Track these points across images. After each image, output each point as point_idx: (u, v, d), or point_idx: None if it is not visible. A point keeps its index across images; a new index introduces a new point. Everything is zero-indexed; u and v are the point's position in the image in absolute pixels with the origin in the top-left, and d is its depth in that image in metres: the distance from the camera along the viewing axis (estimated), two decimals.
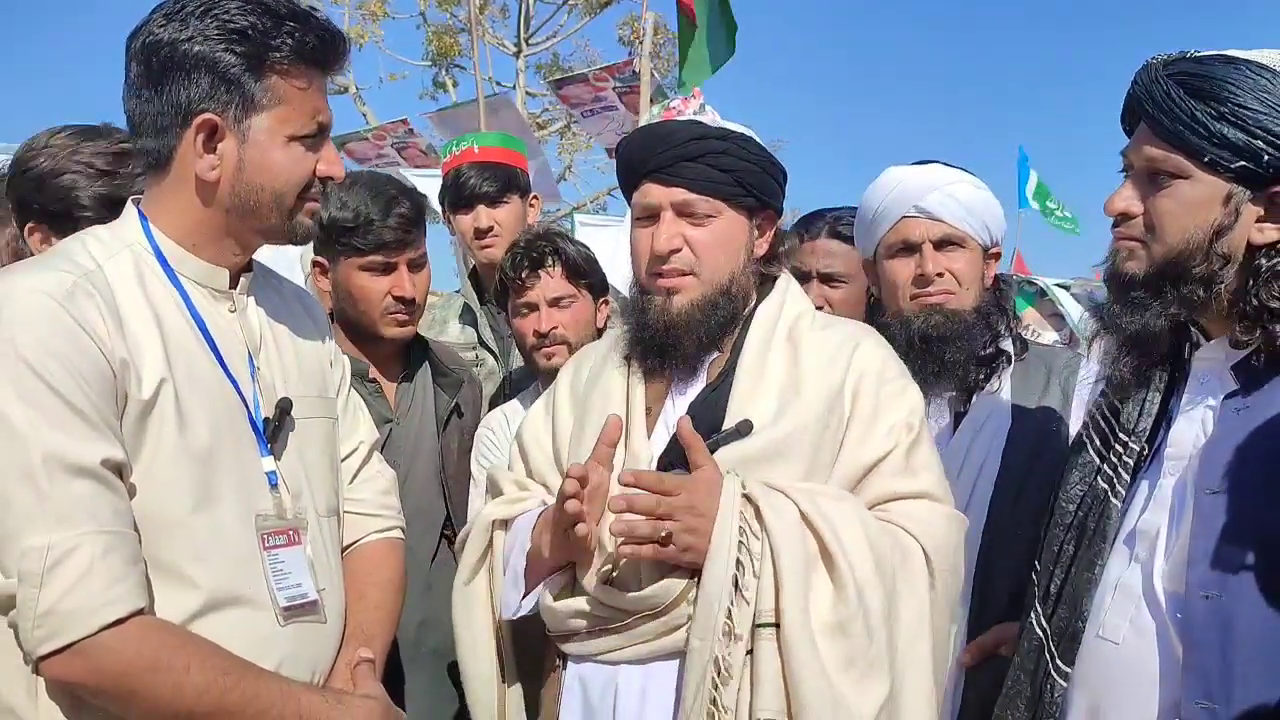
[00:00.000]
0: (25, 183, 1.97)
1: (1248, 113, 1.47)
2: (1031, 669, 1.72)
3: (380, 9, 19.70)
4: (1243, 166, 1.48)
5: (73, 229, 1.87)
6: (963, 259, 2.28)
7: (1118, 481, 1.69)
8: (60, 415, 1.39)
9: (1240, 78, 1.49)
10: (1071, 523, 1.72)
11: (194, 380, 1.55)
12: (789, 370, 1.85)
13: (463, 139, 3.32)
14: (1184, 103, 1.51)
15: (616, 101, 7.07)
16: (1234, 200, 1.50)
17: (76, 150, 1.96)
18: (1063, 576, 1.70)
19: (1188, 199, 1.53)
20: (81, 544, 1.37)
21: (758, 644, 1.64)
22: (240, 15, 1.52)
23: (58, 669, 1.38)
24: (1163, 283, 1.56)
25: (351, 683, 1.66)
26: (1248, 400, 1.54)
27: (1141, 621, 1.57)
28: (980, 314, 2.29)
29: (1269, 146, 1.46)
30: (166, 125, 1.54)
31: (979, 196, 2.29)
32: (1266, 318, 1.51)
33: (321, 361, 1.83)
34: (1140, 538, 1.62)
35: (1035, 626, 1.73)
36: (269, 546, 1.58)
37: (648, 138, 1.94)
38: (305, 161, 1.60)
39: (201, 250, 1.62)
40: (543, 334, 2.47)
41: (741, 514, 1.69)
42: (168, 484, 1.49)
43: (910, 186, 2.27)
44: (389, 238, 2.38)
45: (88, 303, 1.45)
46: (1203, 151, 1.50)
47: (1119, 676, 1.59)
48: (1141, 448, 1.69)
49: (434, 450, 2.52)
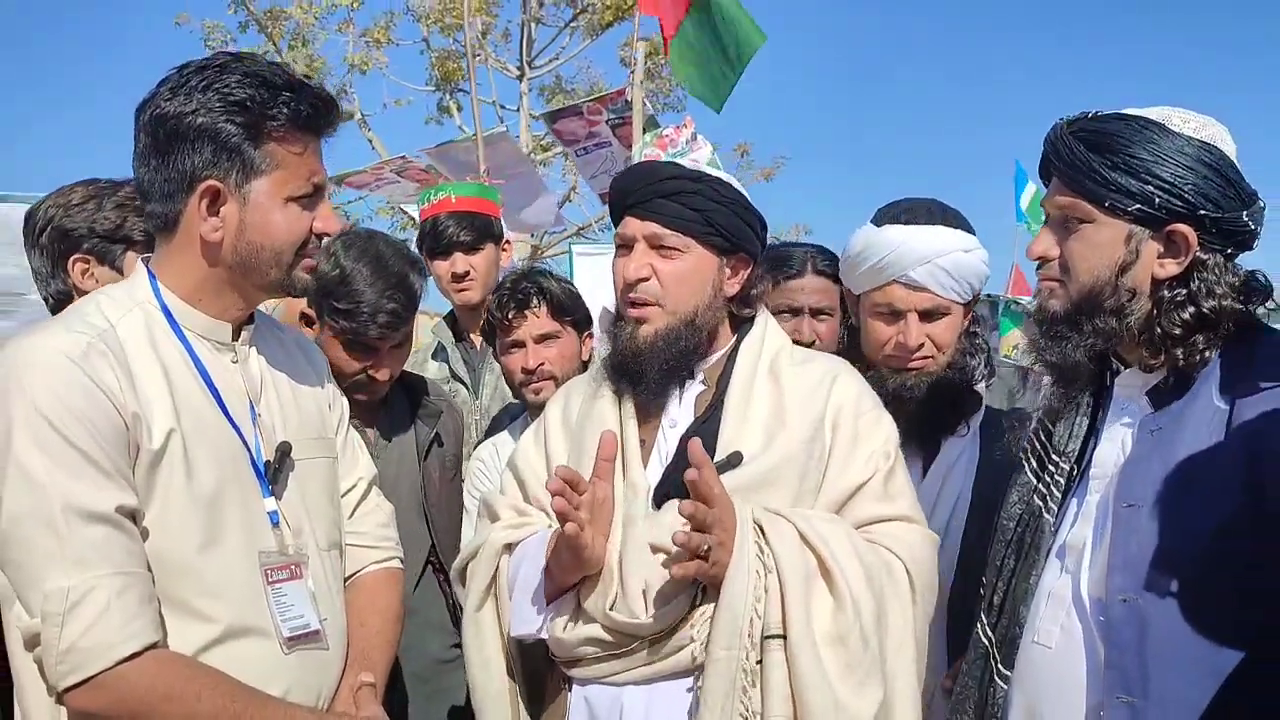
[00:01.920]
0: (72, 217, 2.13)
1: (1138, 162, 1.64)
2: (978, 675, 1.86)
3: (384, 35, 19.88)
4: (1139, 209, 1.65)
5: (119, 259, 2.10)
6: (944, 325, 2.35)
7: (1050, 499, 1.83)
8: (77, 466, 1.51)
9: (1131, 132, 1.66)
10: (1011, 539, 1.87)
11: (200, 429, 1.66)
12: (773, 403, 1.96)
13: (441, 188, 3.54)
14: (1084, 156, 1.68)
15: (610, 137, 7.15)
16: (1134, 239, 1.67)
17: (115, 191, 2.16)
18: (1004, 588, 1.84)
19: (1094, 240, 1.70)
20: (99, 585, 1.49)
21: (767, 655, 1.75)
22: (239, 88, 1.63)
23: (80, 700, 1.50)
24: (1079, 317, 1.72)
25: (354, 705, 1.77)
26: (1160, 420, 1.69)
27: (1070, 626, 1.71)
28: (954, 368, 2.36)
29: (1159, 191, 1.63)
30: (172, 191, 1.66)
31: (967, 261, 2.33)
32: (1170, 343, 1.67)
33: (320, 404, 1.95)
34: (1069, 550, 1.76)
35: (981, 635, 1.87)
36: (272, 581, 1.70)
37: (631, 175, 2.07)
38: (302, 220, 1.72)
39: (206, 305, 1.73)
40: (530, 370, 2.57)
41: (758, 538, 1.80)
42: (177, 526, 1.61)
43: (904, 254, 2.30)
44: (374, 334, 2.43)
45: (101, 361, 1.58)
46: (1103, 197, 1.67)
47: (1051, 678, 1.72)
48: (1071, 467, 1.83)
49: (415, 480, 2.61)
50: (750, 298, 2.07)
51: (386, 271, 2.44)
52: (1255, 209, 1.67)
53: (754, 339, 2.05)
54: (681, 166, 2.03)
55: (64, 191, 2.19)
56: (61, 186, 2.21)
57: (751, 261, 2.05)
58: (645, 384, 1.98)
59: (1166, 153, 1.64)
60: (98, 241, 2.13)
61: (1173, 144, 1.64)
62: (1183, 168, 1.63)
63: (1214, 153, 1.65)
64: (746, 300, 2.07)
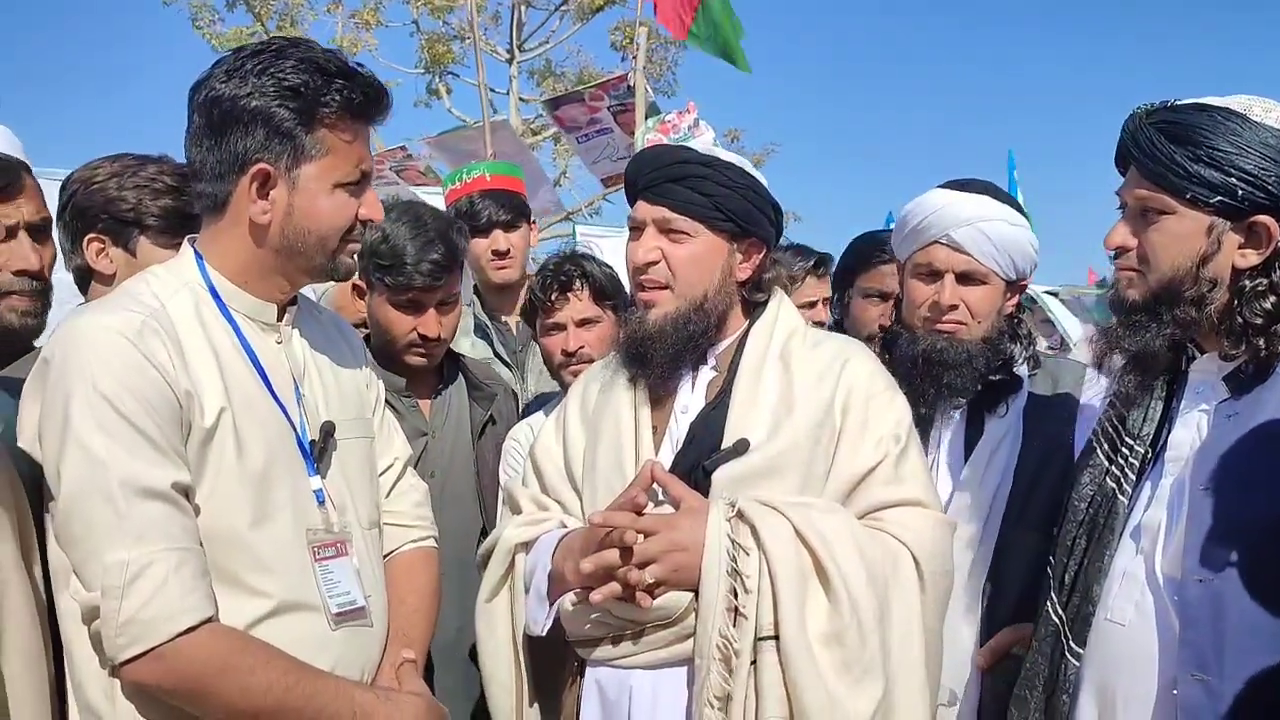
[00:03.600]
0: (92, 195, 2.12)
1: (1221, 154, 1.65)
2: (1048, 651, 1.88)
3: (374, 17, 19.77)
4: (1220, 201, 1.66)
5: (134, 241, 2.09)
6: (981, 294, 2.34)
7: (1124, 481, 1.85)
8: (134, 443, 1.53)
9: (1213, 123, 1.67)
10: (1083, 519, 1.88)
11: (249, 408, 1.69)
12: (782, 388, 1.95)
13: (473, 167, 3.51)
14: (1165, 148, 1.69)
15: (612, 123, 7.14)
16: (1215, 231, 1.69)
17: (140, 169, 2.14)
18: (1076, 567, 1.86)
19: (1174, 232, 1.71)
20: (156, 559, 1.51)
21: (760, 656, 1.75)
22: (294, 73, 1.65)
23: (139, 672, 1.52)
24: (1159, 306, 1.74)
25: (397, 681, 1.80)
26: (1237, 406, 1.71)
27: (1144, 604, 1.74)
28: (989, 343, 2.36)
29: (1241, 183, 1.64)
30: (224, 172, 1.68)
31: (1011, 234, 2.33)
32: (1251, 333, 1.69)
33: (359, 384, 1.97)
34: (1144, 531, 1.79)
35: (1051, 613, 1.89)
36: (320, 558, 1.72)
37: (642, 159, 2.09)
38: (349, 206, 1.74)
39: (252, 287, 1.75)
40: (570, 353, 2.58)
41: (731, 538, 1.79)
42: (229, 503, 1.63)
43: (946, 215, 2.32)
44: (419, 283, 2.48)
45: (155, 340, 1.60)
46: (1184, 190, 1.68)
47: (1125, 655, 1.75)
48: (1145, 451, 1.85)
49: (469, 461, 2.63)
50: (763, 282, 2.08)
51: (425, 227, 2.51)
52: None
53: (765, 323, 2.05)
54: (693, 150, 2.04)
55: (91, 166, 2.17)
56: (90, 161, 2.19)
57: (765, 246, 2.06)
58: (652, 368, 1.99)
59: (1250, 144, 1.64)
60: (112, 222, 2.11)
61: (1256, 135, 1.64)
62: (1266, 159, 1.63)
63: None
64: (759, 285, 2.07)
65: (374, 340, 2.59)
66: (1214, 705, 1.61)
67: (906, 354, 2.34)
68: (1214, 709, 1.61)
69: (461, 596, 2.20)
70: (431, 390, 2.67)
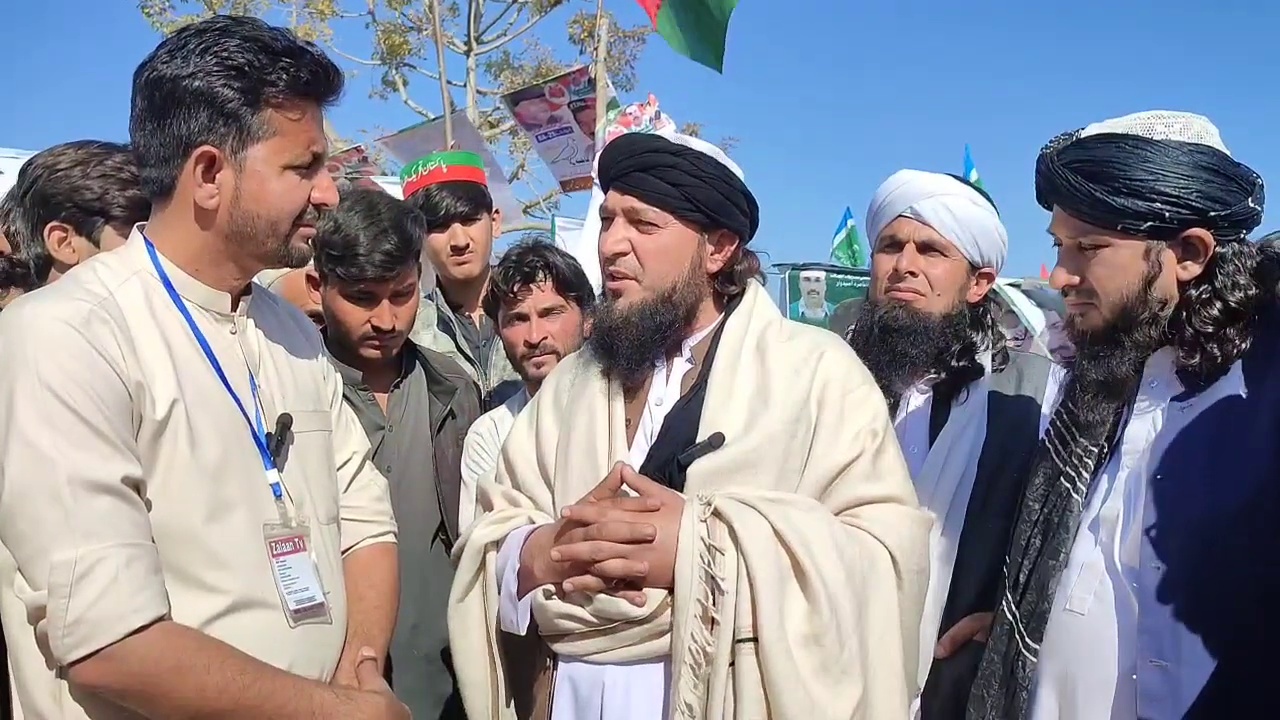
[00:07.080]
0: (56, 182, 2.04)
1: (1139, 183, 1.69)
2: (1004, 650, 1.90)
3: (328, 8, 19.50)
4: (1151, 226, 1.70)
5: (98, 231, 2.03)
6: (941, 266, 2.39)
7: (1079, 479, 1.87)
8: (82, 437, 1.48)
9: (1123, 155, 1.71)
10: (1037, 519, 1.91)
11: (202, 400, 1.63)
12: (757, 381, 1.92)
13: (430, 158, 3.41)
14: (1084, 187, 1.74)
15: (572, 121, 7.08)
16: (1153, 253, 1.74)
17: (105, 158, 2.07)
18: (1030, 566, 1.89)
19: (1114, 262, 1.76)
20: (106, 556, 1.45)
21: (739, 658, 1.72)
22: (238, 52, 1.60)
23: (87, 674, 1.46)
24: (1116, 333, 1.78)
25: (357, 679, 1.76)
26: (1190, 400, 1.75)
27: (1104, 594, 1.77)
28: (949, 320, 2.39)
29: (1166, 205, 1.69)
30: (168, 156, 1.62)
31: (974, 213, 2.38)
32: (1204, 340, 1.73)
33: (316, 377, 1.93)
34: (1103, 523, 1.82)
35: (1006, 612, 1.91)
36: (277, 554, 1.68)
37: (613, 148, 2.06)
38: (300, 189, 1.69)
39: (203, 275, 1.70)
40: (533, 344, 2.56)
41: (705, 541, 1.76)
42: (182, 497, 1.58)
43: (911, 189, 2.40)
44: (371, 274, 2.44)
45: (103, 329, 1.54)
46: (1114, 223, 1.73)
47: (1084, 643, 1.78)
48: (1101, 446, 1.88)
49: (428, 455, 2.59)
50: (737, 274, 2.05)
51: (379, 216, 2.46)
52: (1257, 191, 1.72)
53: (741, 315, 2.02)
54: (663, 139, 2.01)
55: (54, 152, 2.10)
56: (54, 146, 2.11)
57: (737, 238, 2.03)
58: (619, 358, 1.97)
59: (1164, 168, 1.68)
60: (76, 211, 2.05)
61: (1168, 157, 1.69)
62: (1183, 177, 1.68)
63: (1207, 152, 1.69)
64: (731, 277, 2.04)
65: (329, 332, 2.54)
66: (1173, 691, 1.64)
67: (865, 325, 2.38)
68: (1173, 695, 1.64)
69: (419, 595, 2.17)
70: (389, 383, 2.63)
